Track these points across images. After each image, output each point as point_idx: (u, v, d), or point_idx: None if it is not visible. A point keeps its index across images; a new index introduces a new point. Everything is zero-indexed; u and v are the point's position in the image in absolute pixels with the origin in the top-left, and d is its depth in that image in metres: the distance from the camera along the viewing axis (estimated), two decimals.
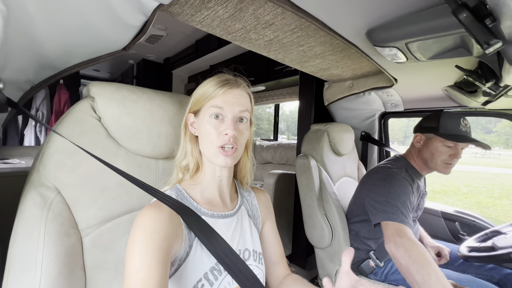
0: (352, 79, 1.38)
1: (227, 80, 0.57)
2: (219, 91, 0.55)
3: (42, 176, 0.53)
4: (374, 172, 1.15)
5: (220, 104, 0.55)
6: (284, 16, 0.72)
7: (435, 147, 1.02)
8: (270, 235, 0.71)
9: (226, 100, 0.55)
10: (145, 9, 0.58)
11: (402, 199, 0.97)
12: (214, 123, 0.55)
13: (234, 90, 0.57)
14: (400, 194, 0.98)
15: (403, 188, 0.99)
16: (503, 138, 22.47)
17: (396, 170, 1.06)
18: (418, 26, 0.59)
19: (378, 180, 1.07)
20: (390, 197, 0.97)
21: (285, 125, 14.45)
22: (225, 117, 0.56)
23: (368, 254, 1.14)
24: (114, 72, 4.23)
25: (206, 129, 0.56)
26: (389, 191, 0.99)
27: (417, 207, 1.17)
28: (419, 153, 1.09)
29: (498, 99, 0.92)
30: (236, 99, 0.56)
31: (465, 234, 1.46)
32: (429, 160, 1.05)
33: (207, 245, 0.49)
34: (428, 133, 1.05)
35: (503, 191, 8.99)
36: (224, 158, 0.55)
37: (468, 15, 0.42)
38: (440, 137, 1.00)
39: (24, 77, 0.62)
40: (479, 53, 0.62)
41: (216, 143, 0.55)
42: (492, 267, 1.07)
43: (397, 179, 1.02)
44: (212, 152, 0.56)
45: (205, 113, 0.56)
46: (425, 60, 0.74)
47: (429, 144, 1.05)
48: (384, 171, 1.09)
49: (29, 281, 0.47)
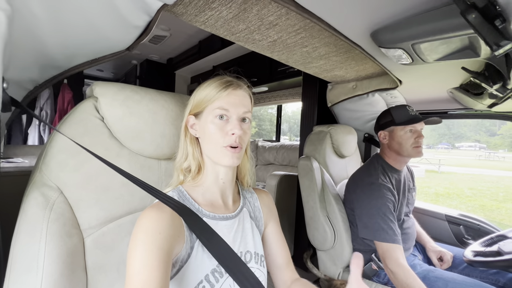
0: (356, 81, 1.37)
1: (230, 81, 0.58)
2: (223, 93, 0.56)
3: (44, 176, 0.53)
4: (356, 179, 1.22)
5: (225, 106, 0.55)
6: (288, 17, 0.71)
7: (400, 136, 1.12)
8: (274, 236, 0.70)
9: (230, 101, 0.56)
10: (149, 9, 0.58)
11: (382, 211, 1.04)
12: (219, 124, 0.56)
13: (238, 91, 0.57)
14: (380, 206, 1.04)
15: (381, 199, 1.06)
16: (508, 140, 22.29)
17: (373, 177, 1.12)
18: (425, 27, 0.58)
19: (359, 187, 1.15)
20: (371, 211, 1.05)
21: (287, 126, 14.43)
22: (230, 117, 0.56)
23: (371, 257, 1.13)
24: (118, 72, 4.25)
25: (211, 130, 0.56)
26: (370, 206, 1.06)
27: (407, 202, 1.20)
28: (389, 148, 1.17)
29: (505, 101, 0.91)
30: (240, 100, 0.57)
31: (470, 238, 1.44)
32: (400, 149, 1.13)
33: (208, 246, 0.49)
34: (388, 127, 1.16)
35: (508, 194, 8.90)
36: (231, 157, 0.55)
37: (477, 15, 0.41)
38: (399, 126, 1.12)
39: (28, 76, 0.62)
40: (486, 55, 0.61)
41: (221, 143, 0.55)
42: (497, 271, 1.06)
43: (375, 188, 1.08)
44: (217, 153, 0.56)
45: (209, 115, 0.56)
46: (431, 61, 0.73)
47: (393, 136, 1.14)
48: (362, 180, 1.16)
49: (30, 281, 0.46)
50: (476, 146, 39.97)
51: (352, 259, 0.44)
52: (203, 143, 0.59)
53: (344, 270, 1.24)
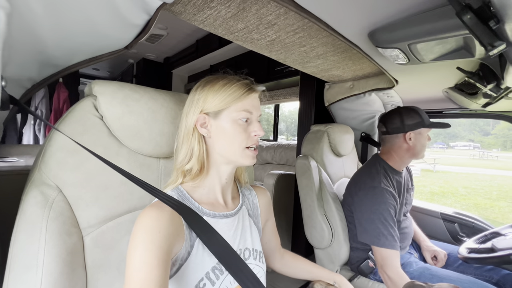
0: (353, 80, 1.38)
1: (250, 84, 0.59)
2: (248, 96, 0.57)
3: (43, 175, 0.53)
4: (355, 185, 1.19)
5: (250, 109, 0.58)
6: (287, 16, 0.72)
7: (424, 138, 1.12)
8: (270, 229, 0.77)
9: (254, 104, 0.59)
10: (149, 7, 0.58)
11: (384, 216, 1.02)
12: (244, 125, 0.58)
13: (256, 94, 0.60)
14: (381, 211, 1.03)
15: (383, 204, 1.04)
16: (501, 140, 22.62)
17: (376, 181, 1.09)
18: (421, 28, 0.59)
19: (361, 190, 1.12)
20: (372, 216, 1.04)
21: (284, 125, 14.47)
22: (251, 119, 0.59)
23: (367, 254, 1.14)
24: (114, 71, 4.21)
25: (235, 131, 0.57)
26: (371, 211, 1.05)
27: (405, 202, 1.21)
28: (408, 150, 1.13)
29: (499, 101, 0.93)
30: (259, 103, 0.61)
31: (465, 235, 1.46)
32: (420, 151, 1.13)
33: (208, 245, 0.49)
34: (418, 128, 1.11)
35: (501, 193, 9.03)
36: (252, 158, 0.59)
37: (472, 16, 0.42)
38: (427, 128, 1.11)
39: (26, 75, 0.61)
40: (481, 55, 0.62)
41: (244, 144, 0.57)
42: (491, 268, 1.08)
43: (378, 193, 1.06)
44: (238, 154, 0.58)
45: (230, 115, 0.56)
46: (427, 61, 0.75)
47: (419, 138, 1.12)
48: (364, 183, 1.13)
49: (30, 280, 0.46)
50: (470, 145, 40.52)
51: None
52: (217, 143, 0.58)
53: (341, 268, 1.25)
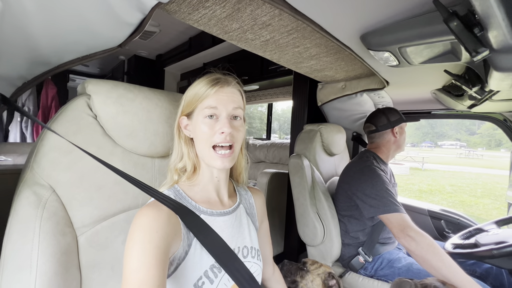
0: (345, 81, 1.40)
1: (218, 79, 0.57)
2: (211, 91, 0.55)
3: (36, 175, 0.52)
4: (350, 168, 1.27)
5: (213, 103, 0.55)
6: (281, 18, 0.73)
7: (405, 132, 1.30)
8: (264, 234, 0.76)
9: (219, 99, 0.55)
10: (143, 7, 0.58)
11: (385, 187, 1.07)
12: (209, 123, 0.55)
13: (226, 88, 0.57)
14: (382, 183, 1.08)
15: (382, 177, 1.11)
16: (486, 139, 23.37)
17: (368, 162, 1.18)
18: (411, 32, 0.61)
19: (356, 173, 1.19)
20: (375, 189, 1.08)
21: (277, 124, 14.50)
22: (220, 116, 0.56)
23: (358, 250, 1.17)
24: (104, 68, 4.12)
25: (201, 130, 0.55)
26: (372, 184, 1.09)
27: (395, 193, 1.24)
28: (394, 143, 1.27)
29: (483, 102, 0.96)
30: (229, 97, 0.56)
31: (450, 231, 1.52)
32: (403, 143, 1.29)
33: (205, 244, 0.49)
34: (400, 124, 1.26)
35: (485, 190, 9.37)
36: (221, 161, 0.55)
37: (458, 23, 0.44)
38: (405, 122, 1.29)
39: (17, 73, 0.60)
40: (467, 60, 0.65)
41: (209, 143, 0.55)
42: (474, 262, 1.13)
43: (373, 169, 1.14)
44: (206, 154, 0.56)
45: (199, 115, 0.56)
46: (416, 64, 0.77)
47: (402, 132, 1.28)
48: (357, 165, 1.22)
49: (24, 280, 0.46)
50: (457, 144, 41.75)
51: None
52: (197, 144, 0.59)
53: (333, 265, 1.28)
